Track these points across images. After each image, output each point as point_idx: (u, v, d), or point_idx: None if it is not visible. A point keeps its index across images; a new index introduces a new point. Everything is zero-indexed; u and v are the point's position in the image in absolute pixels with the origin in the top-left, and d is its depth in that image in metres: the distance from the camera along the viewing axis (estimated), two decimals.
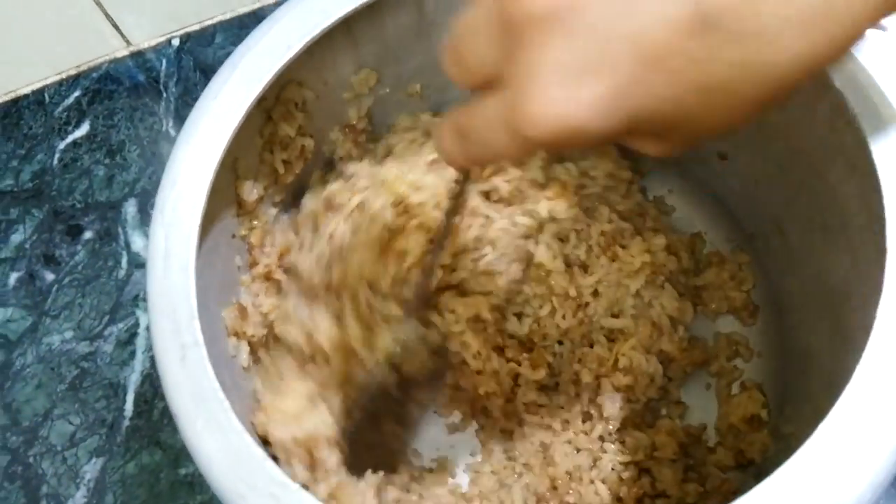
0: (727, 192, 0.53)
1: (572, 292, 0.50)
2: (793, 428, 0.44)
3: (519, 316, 0.51)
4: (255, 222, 0.46)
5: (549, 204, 0.50)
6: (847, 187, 0.38)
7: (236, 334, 0.42)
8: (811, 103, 0.39)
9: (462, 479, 0.50)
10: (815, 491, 0.30)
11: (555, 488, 0.48)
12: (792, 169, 0.44)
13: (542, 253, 0.49)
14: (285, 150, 0.47)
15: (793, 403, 0.46)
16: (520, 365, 0.50)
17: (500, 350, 0.50)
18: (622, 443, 0.49)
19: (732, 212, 0.54)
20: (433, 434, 0.52)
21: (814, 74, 0.23)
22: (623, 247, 0.51)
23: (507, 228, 0.49)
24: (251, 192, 0.44)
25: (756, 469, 0.47)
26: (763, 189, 0.49)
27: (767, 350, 0.51)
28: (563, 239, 0.51)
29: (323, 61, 0.44)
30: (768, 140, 0.45)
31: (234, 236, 0.44)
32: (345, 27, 0.42)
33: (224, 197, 0.42)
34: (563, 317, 0.50)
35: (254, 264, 0.46)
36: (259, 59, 0.40)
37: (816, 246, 0.43)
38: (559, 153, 0.51)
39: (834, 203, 0.40)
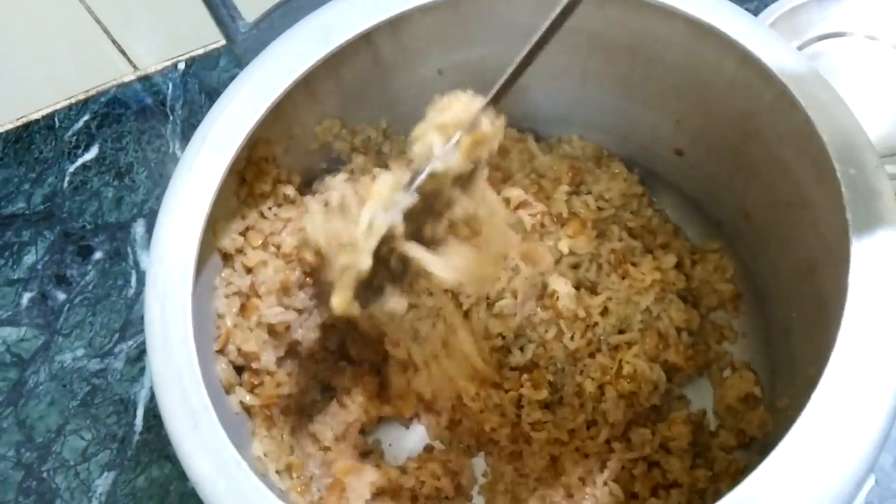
0: (690, 185, 0.55)
1: (581, 313, 0.51)
2: (788, 401, 0.45)
3: (522, 347, 0.51)
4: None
5: (570, 242, 0.52)
6: (801, 166, 0.40)
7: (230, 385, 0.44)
8: (757, 93, 0.41)
9: (478, 502, 0.51)
10: (819, 458, 0.31)
11: (570, 496, 0.49)
12: (747, 154, 0.45)
13: (558, 284, 0.51)
14: (266, 199, 0.48)
15: (783, 378, 0.47)
16: (522, 386, 0.50)
17: (498, 385, 0.51)
18: (628, 441, 0.50)
19: (699, 204, 0.55)
20: None
21: None
22: (634, 265, 0.52)
23: (532, 276, 0.51)
24: (231, 243, 0.46)
25: (760, 445, 0.48)
26: (723, 177, 0.50)
27: (752, 331, 0.53)
28: (576, 266, 0.53)
29: (287, 118, 0.46)
30: (720, 131, 0.47)
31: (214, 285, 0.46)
32: (304, 83, 0.43)
33: (206, 255, 0.44)
34: (571, 338, 0.51)
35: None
36: (228, 126, 0.41)
37: (781, 224, 0.45)
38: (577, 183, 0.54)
39: (791, 182, 0.41)
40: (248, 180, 0.47)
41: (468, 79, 0.50)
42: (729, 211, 0.51)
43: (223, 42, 0.73)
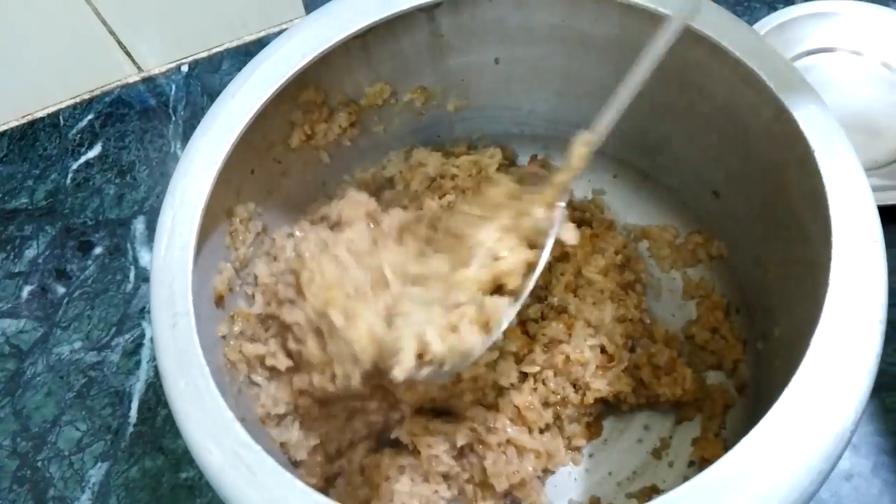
0: (718, 225, 0.56)
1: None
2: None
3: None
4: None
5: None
6: (815, 227, 0.41)
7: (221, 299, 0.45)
8: (789, 146, 0.42)
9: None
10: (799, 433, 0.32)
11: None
12: (773, 205, 0.46)
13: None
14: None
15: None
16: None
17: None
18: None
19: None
20: None
21: None
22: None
23: None
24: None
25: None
26: (748, 223, 0.51)
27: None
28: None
29: (340, 70, 0.49)
30: (753, 177, 0.48)
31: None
32: (361, 42, 0.46)
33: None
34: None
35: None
36: (279, 63, 0.44)
37: (790, 280, 0.46)
38: None
39: (804, 241, 0.43)
40: (298, 123, 0.50)
41: (525, 72, 0.54)
42: (745, 260, 0.52)
43: (227, 45, 0.75)
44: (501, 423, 0.47)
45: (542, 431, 0.49)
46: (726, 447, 0.49)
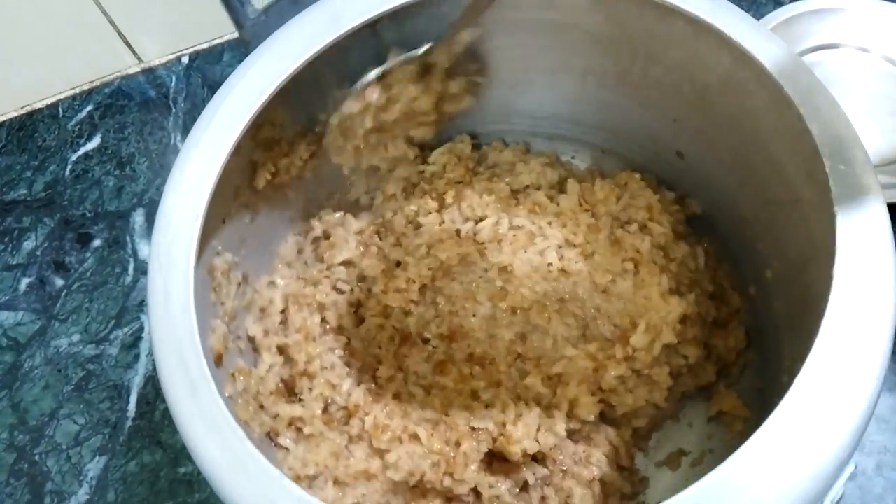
0: (688, 186, 0.55)
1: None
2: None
3: None
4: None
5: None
6: (793, 164, 0.41)
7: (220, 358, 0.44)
8: (752, 92, 0.42)
9: None
10: (801, 440, 0.31)
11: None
12: (743, 153, 0.46)
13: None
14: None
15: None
16: None
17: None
18: None
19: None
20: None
21: None
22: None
23: None
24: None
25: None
26: (718, 177, 0.51)
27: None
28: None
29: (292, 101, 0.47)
30: (718, 131, 0.47)
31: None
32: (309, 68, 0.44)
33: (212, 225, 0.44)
34: None
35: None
36: (236, 105, 0.42)
37: (774, 222, 0.46)
38: None
39: (783, 180, 0.42)
40: (261, 162, 0.48)
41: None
42: (722, 210, 0.52)
43: (227, 37, 0.74)
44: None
45: None
46: (741, 398, 0.49)
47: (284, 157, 0.49)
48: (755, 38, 0.40)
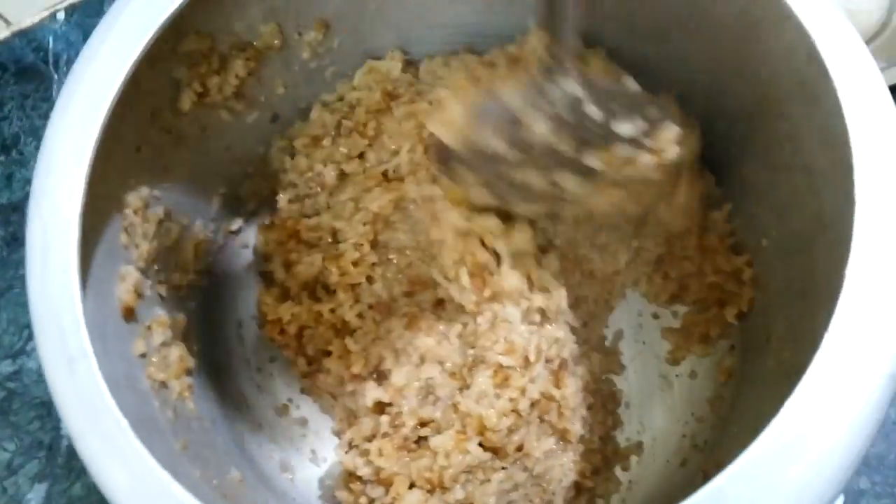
0: None
1: None
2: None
3: None
4: None
5: None
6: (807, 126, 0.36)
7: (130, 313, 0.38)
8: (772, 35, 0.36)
9: None
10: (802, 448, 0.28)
11: None
12: (750, 107, 0.41)
13: None
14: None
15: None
16: None
17: None
18: None
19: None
20: None
21: None
22: None
23: None
24: None
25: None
26: (722, 131, 0.45)
27: None
28: None
29: (224, 8, 0.41)
30: (725, 74, 0.42)
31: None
32: None
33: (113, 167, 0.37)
34: None
35: None
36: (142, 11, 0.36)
37: (779, 190, 0.41)
38: None
39: (794, 143, 0.38)
40: (185, 80, 0.42)
41: None
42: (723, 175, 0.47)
43: None
44: None
45: None
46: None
47: (215, 75, 0.43)
48: None
